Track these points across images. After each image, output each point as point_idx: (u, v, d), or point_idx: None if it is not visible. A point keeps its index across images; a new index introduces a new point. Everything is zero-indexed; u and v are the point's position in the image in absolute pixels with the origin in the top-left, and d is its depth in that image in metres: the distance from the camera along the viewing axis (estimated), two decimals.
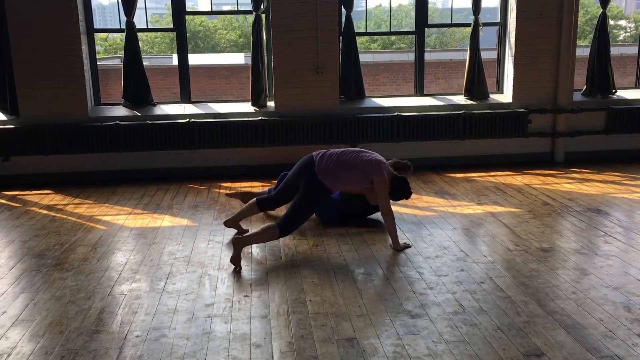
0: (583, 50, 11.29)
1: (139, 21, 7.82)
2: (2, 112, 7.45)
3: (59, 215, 6.07)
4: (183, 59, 7.80)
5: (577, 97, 8.19)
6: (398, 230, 5.22)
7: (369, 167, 4.95)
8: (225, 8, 53.60)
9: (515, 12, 7.74)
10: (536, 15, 7.73)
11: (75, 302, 3.99)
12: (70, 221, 5.84)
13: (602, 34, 8.12)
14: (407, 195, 5.18)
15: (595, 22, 8.55)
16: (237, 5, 8.61)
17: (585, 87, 8.28)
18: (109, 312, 3.85)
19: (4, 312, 3.87)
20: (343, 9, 7.67)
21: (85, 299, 4.05)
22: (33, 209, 6.31)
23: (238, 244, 4.59)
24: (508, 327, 3.55)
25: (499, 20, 8.11)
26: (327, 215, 5.57)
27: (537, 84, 7.92)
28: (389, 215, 4.91)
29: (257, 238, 4.77)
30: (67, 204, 6.45)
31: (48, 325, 3.68)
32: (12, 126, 7.27)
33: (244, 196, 5.99)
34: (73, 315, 3.80)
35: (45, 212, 6.18)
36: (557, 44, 7.80)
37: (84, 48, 7.35)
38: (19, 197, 6.79)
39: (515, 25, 7.77)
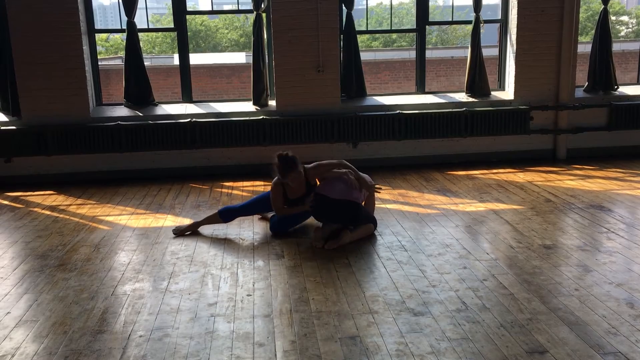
0: (585, 46, 11.28)
1: (140, 21, 7.83)
2: (4, 113, 7.46)
3: (61, 215, 6.08)
4: (184, 58, 7.81)
5: (579, 93, 8.17)
6: (399, 228, 5.30)
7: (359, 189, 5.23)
8: (226, 7, 53.69)
9: (516, 8, 7.73)
10: (537, 12, 7.71)
11: (79, 303, 4.00)
12: (73, 222, 5.85)
13: (603, 30, 8.10)
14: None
15: (596, 18, 8.53)
16: (238, 4, 8.61)
17: (587, 83, 8.27)
18: (112, 312, 3.86)
19: (8, 312, 3.88)
20: (344, 7, 7.67)
21: (88, 299, 4.06)
22: (36, 209, 6.32)
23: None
24: (511, 324, 3.55)
25: (500, 17, 8.10)
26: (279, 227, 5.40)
27: (539, 81, 7.90)
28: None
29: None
30: (70, 205, 6.46)
31: (51, 325, 3.69)
32: (14, 127, 7.27)
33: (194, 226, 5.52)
34: (76, 316, 3.80)
35: (47, 212, 6.19)
36: (558, 41, 7.78)
37: (85, 48, 7.36)
38: (21, 198, 6.80)
39: (516, 22, 7.75)
